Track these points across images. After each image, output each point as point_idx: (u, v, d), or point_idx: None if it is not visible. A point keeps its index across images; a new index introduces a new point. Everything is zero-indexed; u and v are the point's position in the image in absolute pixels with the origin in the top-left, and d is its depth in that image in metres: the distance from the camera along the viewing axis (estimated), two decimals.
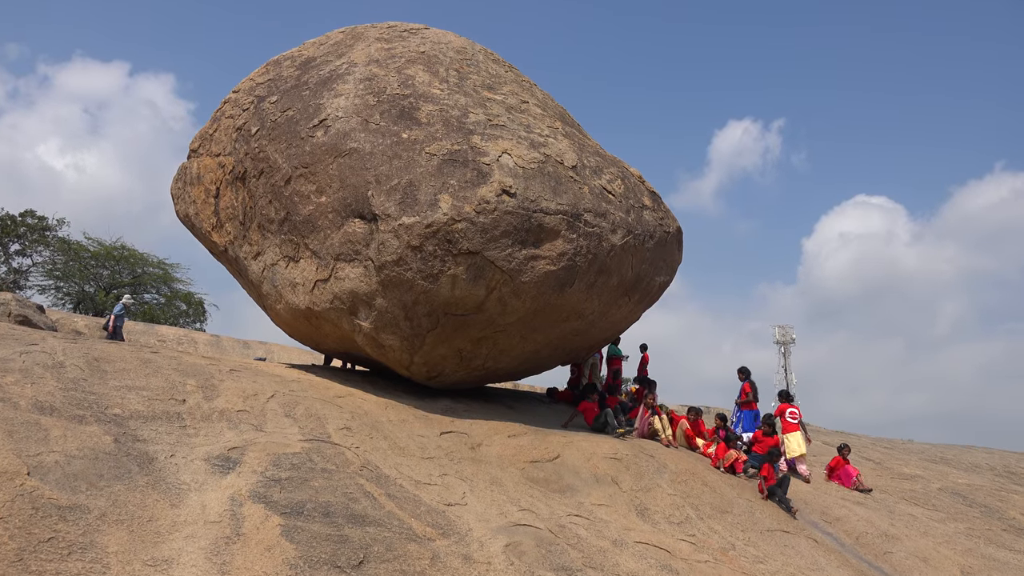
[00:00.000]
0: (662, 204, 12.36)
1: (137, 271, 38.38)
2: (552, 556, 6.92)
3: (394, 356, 10.76)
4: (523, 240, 9.92)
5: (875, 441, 19.70)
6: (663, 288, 12.75)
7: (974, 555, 10.91)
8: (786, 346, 66.16)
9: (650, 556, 7.59)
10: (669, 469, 10.38)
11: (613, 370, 15.59)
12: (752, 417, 14.24)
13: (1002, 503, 14.09)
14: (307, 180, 10.64)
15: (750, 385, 14.66)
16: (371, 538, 6.20)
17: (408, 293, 9.91)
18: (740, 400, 14.67)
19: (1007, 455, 20.44)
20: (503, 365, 11.60)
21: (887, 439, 21.17)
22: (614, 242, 10.73)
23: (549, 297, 10.35)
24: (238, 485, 6.59)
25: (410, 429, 9.55)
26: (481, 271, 9.81)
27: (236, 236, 12.25)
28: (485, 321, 10.41)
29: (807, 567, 8.56)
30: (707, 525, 9.08)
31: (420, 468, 8.31)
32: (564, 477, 9.33)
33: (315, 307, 10.87)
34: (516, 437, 10.22)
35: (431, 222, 9.59)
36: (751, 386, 14.65)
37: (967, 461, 18.33)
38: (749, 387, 14.63)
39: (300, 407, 9.08)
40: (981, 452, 20.29)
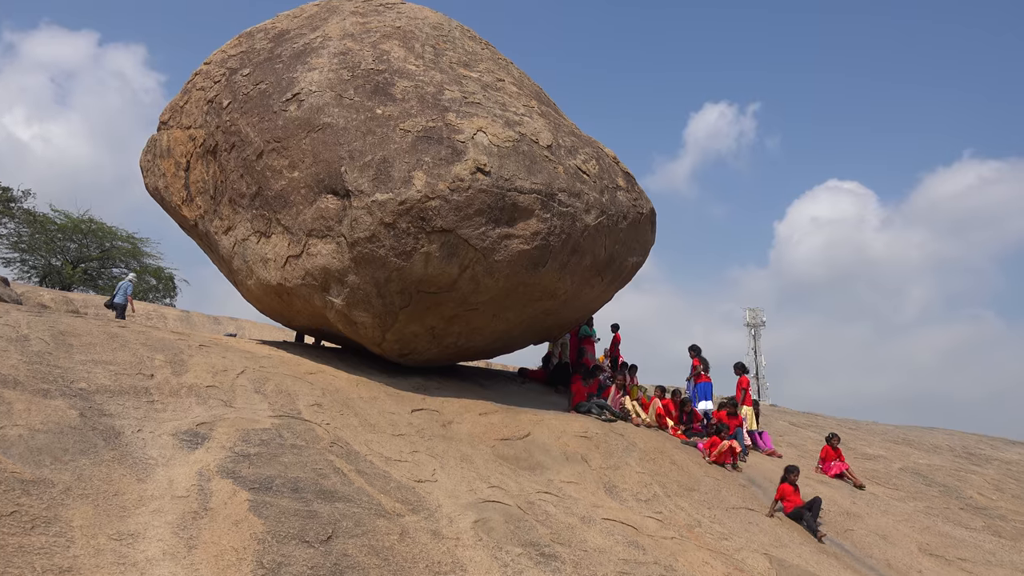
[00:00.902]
0: (636, 185, 12.39)
1: (105, 245, 37.81)
2: (521, 532, 6.99)
3: (366, 333, 10.73)
4: (497, 219, 9.91)
5: (840, 422, 20.05)
6: (636, 269, 12.82)
7: (932, 532, 11.20)
8: (756, 328, 66.92)
9: (617, 532, 7.69)
10: (638, 448, 10.50)
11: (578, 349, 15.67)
12: (707, 389, 14.75)
13: (960, 483, 14.45)
14: (279, 155, 10.52)
15: (699, 360, 15.09)
16: (340, 514, 6.21)
17: (381, 270, 9.87)
18: (692, 375, 15.11)
19: (967, 436, 20.90)
20: (475, 343, 11.62)
21: (852, 420, 21.53)
22: (588, 222, 10.75)
23: (522, 276, 10.37)
24: (206, 460, 6.56)
25: (381, 406, 9.55)
26: (455, 249, 9.79)
27: (207, 210, 12.10)
28: (458, 299, 10.41)
29: (770, 543, 8.73)
30: (674, 503, 9.21)
31: (390, 445, 8.33)
32: (534, 455, 9.40)
33: (286, 283, 10.79)
34: (487, 415, 10.26)
35: (405, 199, 9.53)
36: (700, 361, 15.03)
37: (928, 442, 18.73)
38: (698, 362, 15.06)
39: (270, 383, 9.04)
40: (942, 434, 20.73)
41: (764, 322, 67.12)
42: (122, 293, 19.29)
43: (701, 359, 15.10)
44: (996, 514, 13.23)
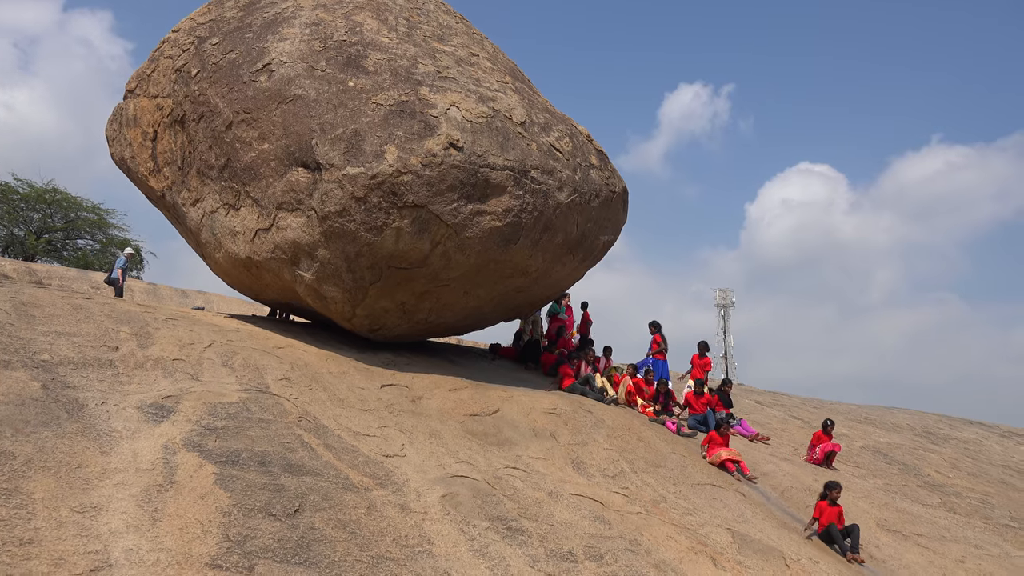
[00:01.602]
0: (609, 164, 12.40)
1: (70, 215, 37.05)
2: (488, 507, 7.04)
3: (336, 308, 10.68)
4: (469, 195, 9.87)
5: (805, 401, 20.41)
6: (607, 247, 12.87)
7: (890, 508, 11.48)
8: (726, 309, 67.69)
9: (584, 508, 7.78)
10: (606, 424, 10.60)
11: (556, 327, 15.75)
12: (663, 367, 15.02)
13: (919, 461, 14.81)
14: (249, 126, 10.36)
15: (661, 337, 15.29)
16: (307, 487, 6.21)
17: (351, 245, 9.81)
18: (652, 351, 15.30)
19: (926, 416, 21.39)
20: (446, 320, 11.62)
21: (817, 400, 21.94)
22: (560, 200, 10.75)
23: (494, 253, 10.36)
24: (172, 434, 6.50)
25: (350, 381, 9.53)
26: (426, 225, 9.75)
27: (174, 181, 11.91)
28: (429, 275, 10.38)
29: (734, 519, 8.89)
30: (640, 479, 9.32)
31: (359, 420, 8.32)
32: (503, 431, 9.45)
33: (255, 257, 10.68)
34: (457, 391, 10.29)
35: (376, 173, 9.45)
36: (662, 338, 15.20)
37: (889, 421, 19.14)
38: (660, 339, 15.24)
39: (238, 357, 8.97)
40: (903, 413, 21.19)
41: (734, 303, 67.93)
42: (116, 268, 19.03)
43: (662, 336, 15.27)
44: (952, 491, 13.59)
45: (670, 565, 7.01)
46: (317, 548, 5.39)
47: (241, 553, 5.03)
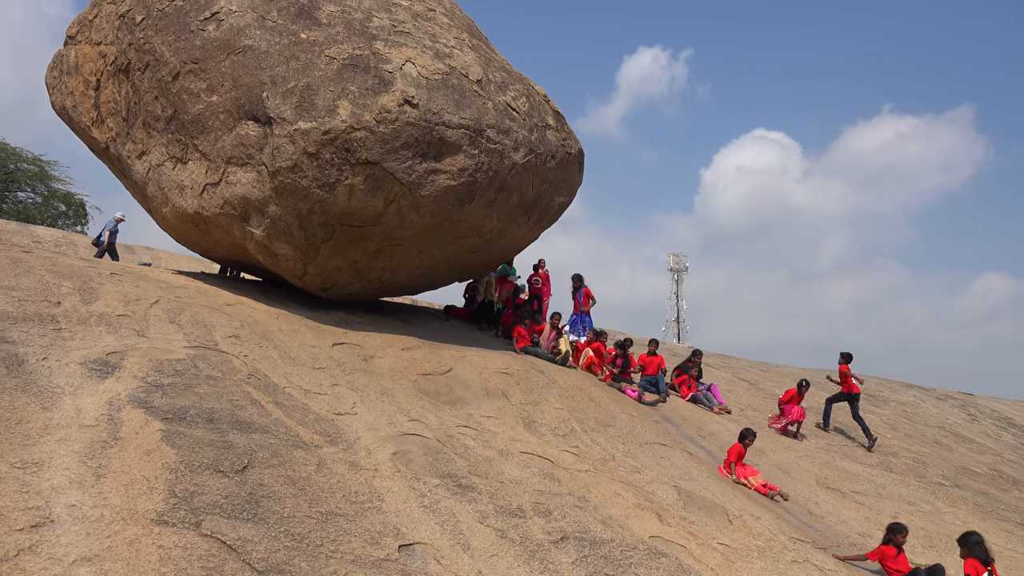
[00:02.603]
0: (565, 125, 12.35)
1: (9, 167, 35.66)
2: (439, 464, 7.10)
3: (287, 266, 10.53)
4: (424, 153, 9.76)
5: (753, 364, 20.88)
6: (562, 209, 12.88)
7: (830, 467, 11.89)
8: (679, 273, 68.61)
9: (534, 465, 7.89)
10: (558, 384, 10.72)
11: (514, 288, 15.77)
12: (590, 320, 15.69)
13: None
14: (197, 77, 10.04)
15: (590, 291, 16.09)
16: (256, 444, 6.17)
17: (303, 201, 9.64)
18: (585, 306, 15.94)
19: (868, 379, 22.06)
20: (399, 279, 11.55)
21: (764, 363, 22.46)
22: (516, 160, 10.70)
23: (448, 212, 10.29)
24: (116, 390, 6.39)
25: (301, 339, 9.45)
26: (380, 182, 9.62)
27: (119, 133, 11.52)
28: (382, 234, 10.28)
29: (680, 476, 9.11)
30: (590, 437, 9.48)
31: (310, 378, 8.27)
32: (455, 390, 9.49)
33: (204, 212, 10.45)
34: (410, 350, 10.28)
35: (329, 129, 9.28)
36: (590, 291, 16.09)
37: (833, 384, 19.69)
38: (590, 292, 16.07)
39: (186, 314, 8.81)
40: None
41: (687, 267, 68.88)
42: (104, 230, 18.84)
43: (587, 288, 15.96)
44: (889, 451, 14.11)
45: (617, 521, 7.17)
46: (266, 504, 5.38)
47: (188, 509, 4.99)
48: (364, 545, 5.34)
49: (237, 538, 4.84)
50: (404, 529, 5.77)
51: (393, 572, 5.14)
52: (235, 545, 4.76)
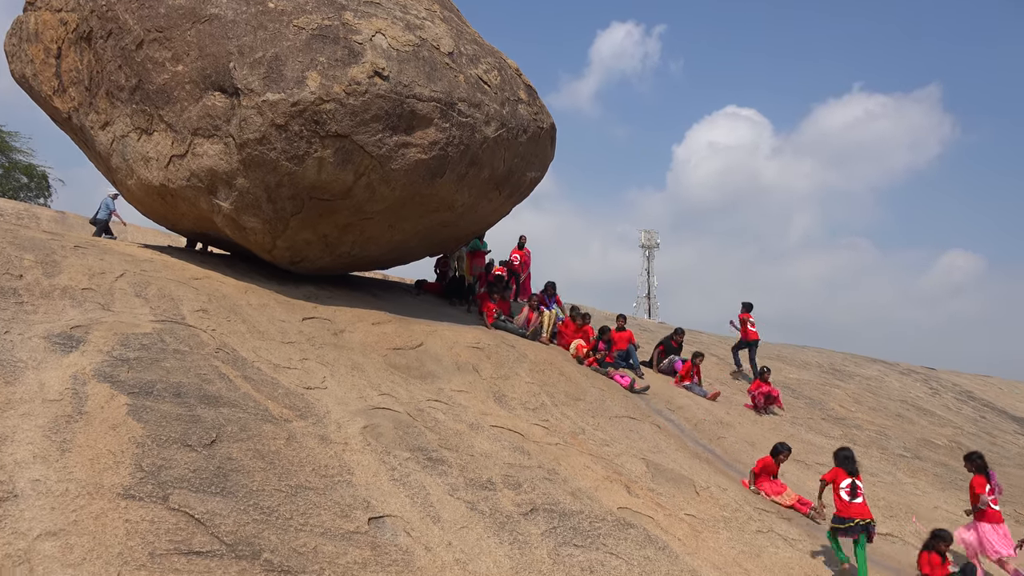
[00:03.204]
0: (537, 99, 12.29)
1: None
2: (409, 438, 7.12)
3: (256, 239, 10.41)
4: (394, 126, 9.66)
5: (721, 339, 21.11)
6: (534, 184, 12.85)
7: (795, 440, 12.10)
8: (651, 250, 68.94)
9: (504, 439, 7.94)
10: (528, 359, 10.76)
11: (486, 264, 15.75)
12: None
13: (824, 396, 15.60)
14: (162, 46, 9.82)
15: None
16: (225, 418, 6.13)
17: (271, 174, 9.52)
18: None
19: (834, 354, 22.47)
20: (370, 253, 11.47)
21: (732, 338, 22.70)
22: (487, 134, 10.64)
23: (419, 186, 10.22)
24: (81, 364, 6.30)
25: (271, 313, 9.37)
26: (349, 155, 9.52)
27: (81, 103, 11.25)
28: (352, 208, 10.19)
29: (648, 449, 9.23)
30: (560, 411, 9.55)
31: (279, 352, 8.22)
32: (426, 364, 9.50)
33: (170, 184, 10.27)
34: (380, 325, 10.25)
35: (297, 100, 9.14)
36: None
37: (800, 359, 20.03)
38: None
39: (152, 287, 8.69)
40: (812, 352, 22.20)
41: (658, 244, 69.24)
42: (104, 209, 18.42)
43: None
44: (853, 424, 14.41)
45: (586, 493, 7.25)
46: (234, 478, 5.36)
47: (155, 483, 4.96)
48: (334, 518, 5.36)
49: (205, 512, 4.83)
50: (374, 502, 5.79)
51: (363, 544, 5.16)
52: (203, 519, 4.75)
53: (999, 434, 17.56)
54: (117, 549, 4.24)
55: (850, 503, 7.77)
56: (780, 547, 7.64)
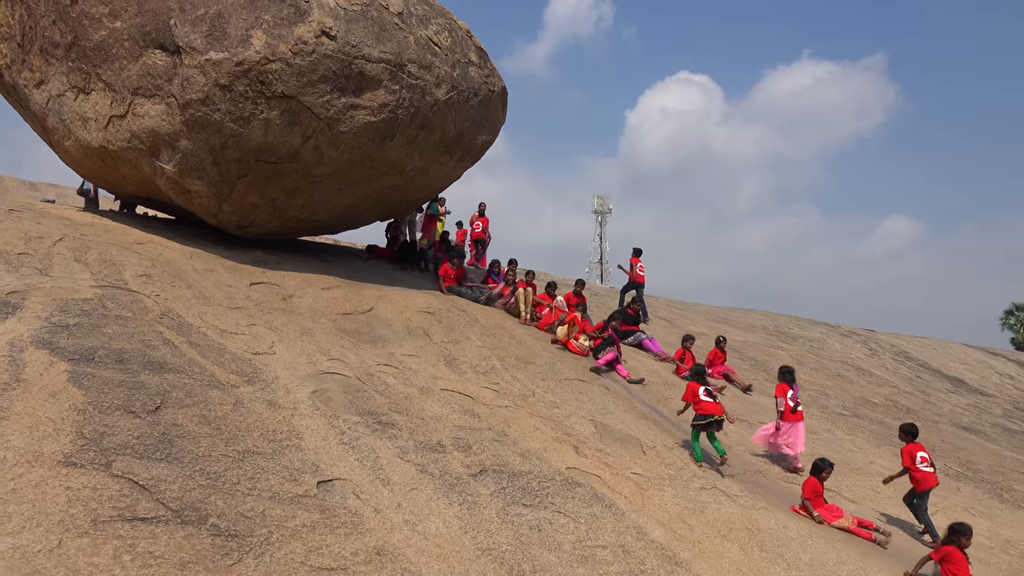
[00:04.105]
0: (488, 62, 12.18)
1: None
2: (359, 402, 7.13)
3: (201, 203, 10.19)
4: (343, 87, 9.50)
5: (670, 303, 21.46)
6: (485, 148, 12.79)
7: (738, 400, 12.43)
8: (603, 215, 69.30)
9: (454, 402, 8.00)
10: (479, 323, 10.81)
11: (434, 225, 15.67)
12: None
13: (768, 357, 16.00)
14: (99, 1, 9.46)
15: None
16: (169, 384, 6.06)
17: (216, 136, 9.31)
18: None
19: (779, 317, 23.02)
20: (319, 217, 11.34)
21: (681, 302, 23.10)
22: (438, 97, 10.53)
23: (368, 149, 10.10)
24: (18, 330, 6.14)
25: (217, 278, 9.23)
26: (296, 117, 9.35)
27: (14, 60, 10.80)
28: (300, 171, 10.04)
29: (597, 410, 9.39)
30: (511, 375, 9.65)
31: (226, 317, 8.12)
32: (376, 329, 9.48)
33: (110, 146, 9.97)
34: (330, 290, 10.17)
35: (242, 60, 8.92)
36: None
37: (746, 322, 20.48)
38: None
39: (93, 252, 8.47)
40: (758, 315, 22.70)
41: (611, 209, 69.61)
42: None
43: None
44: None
45: (535, 453, 7.37)
46: (180, 444, 5.32)
47: (98, 450, 4.90)
48: (282, 482, 5.36)
49: (150, 478, 4.79)
50: (323, 466, 5.80)
51: (311, 508, 5.19)
52: (148, 485, 4.71)
53: (933, 392, 18.28)
54: (58, 517, 4.19)
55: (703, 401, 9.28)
56: (723, 503, 7.88)
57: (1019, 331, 48.09)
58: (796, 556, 7.04)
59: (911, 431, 9.23)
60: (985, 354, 26.41)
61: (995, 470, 12.46)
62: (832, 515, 8.42)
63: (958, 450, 13.28)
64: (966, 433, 14.91)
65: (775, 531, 7.46)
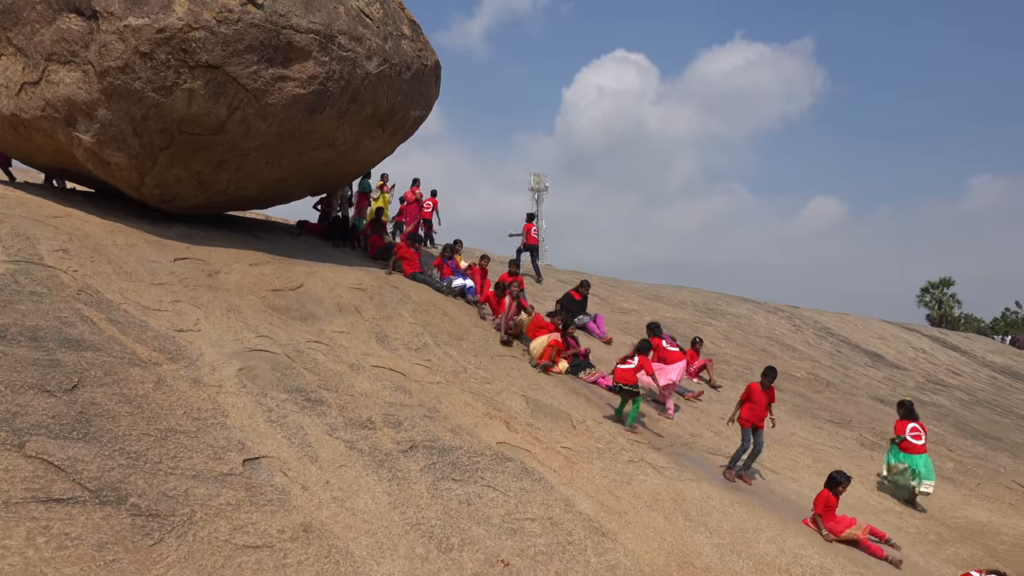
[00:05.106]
0: (421, 35, 12.04)
1: None
2: (287, 379, 7.05)
3: (121, 176, 9.84)
4: (270, 58, 9.27)
5: (603, 280, 21.72)
6: (418, 123, 12.67)
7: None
8: (539, 193, 69.56)
9: (386, 379, 7.98)
10: (412, 300, 10.77)
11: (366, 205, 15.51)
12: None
13: (697, 333, 16.38)
14: None
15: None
16: (88, 363, 5.88)
17: (137, 106, 8.98)
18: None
19: (708, 294, 23.57)
20: (247, 192, 11.07)
21: (614, 279, 23.41)
22: (369, 70, 10.37)
23: (297, 122, 9.90)
24: None
25: (139, 254, 8.95)
26: (222, 88, 9.09)
27: None
28: (227, 143, 9.77)
29: (528, 386, 9.49)
30: (443, 351, 9.66)
31: (149, 294, 7.89)
32: (306, 305, 9.35)
33: (23, 114, 9.53)
34: (258, 266, 9.98)
35: (163, 27, 8.61)
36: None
37: (676, 299, 20.91)
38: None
39: (4, 226, 8.10)
40: (689, 292, 23.19)
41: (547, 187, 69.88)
42: None
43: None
44: (722, 359, 15.24)
45: (466, 429, 7.42)
46: (99, 423, 5.18)
47: (10, 430, 4.73)
48: (206, 460, 5.28)
49: (66, 458, 4.66)
50: (249, 444, 5.73)
51: (237, 486, 5.13)
52: (64, 465, 4.58)
53: (852, 367, 19.03)
54: None
55: (617, 367, 9.67)
56: (649, 475, 8.09)
57: (934, 308, 50.37)
58: (718, 524, 7.29)
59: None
60: (901, 329, 27.58)
61: None
62: (841, 526, 7.97)
63: (873, 421, 13.89)
64: (881, 405, 15.59)
65: (699, 501, 7.70)
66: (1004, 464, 13.09)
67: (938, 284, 50.58)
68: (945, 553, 8.69)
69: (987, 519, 10.09)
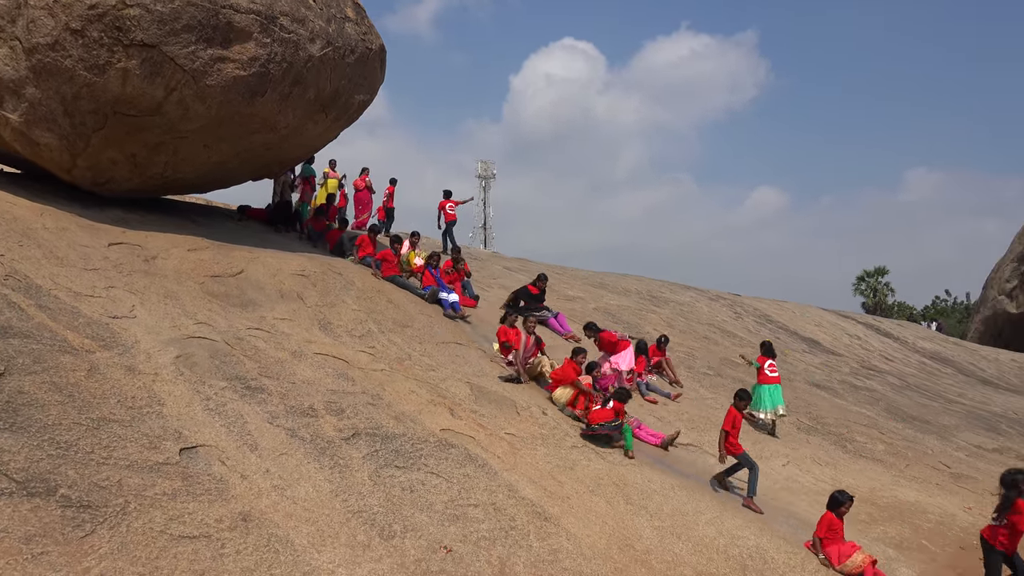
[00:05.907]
0: (366, 18, 11.87)
1: None
2: (227, 367, 6.92)
3: (51, 157, 9.50)
4: (209, 38, 9.04)
5: (549, 267, 21.80)
6: (363, 107, 12.51)
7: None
8: (487, 180, 69.47)
9: (328, 366, 7.90)
10: (356, 286, 10.67)
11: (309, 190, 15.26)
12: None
13: (640, 320, 16.62)
14: None
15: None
16: (15, 350, 5.68)
17: (68, 85, 8.68)
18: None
19: (652, 282, 23.87)
20: (185, 175, 10.80)
21: (560, 266, 23.54)
22: (312, 52, 10.19)
23: (238, 105, 9.68)
24: None
25: (71, 238, 8.66)
26: (159, 68, 8.84)
27: None
28: (164, 125, 9.51)
29: (473, 373, 9.50)
30: (387, 338, 9.60)
31: (81, 280, 7.65)
32: (247, 292, 9.19)
33: None
34: (197, 251, 9.76)
35: (96, 3, 8.33)
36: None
37: (621, 286, 21.13)
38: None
39: None
40: (633, 279, 23.44)
41: (494, 174, 69.87)
42: None
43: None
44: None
45: (409, 416, 7.40)
46: (26, 412, 5.01)
47: None
48: (141, 450, 5.16)
49: None
50: (186, 432, 5.62)
51: (173, 475, 5.03)
52: None
53: (790, 353, 19.51)
54: None
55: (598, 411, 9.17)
56: (592, 460, 8.19)
57: (869, 296, 51.95)
58: (659, 507, 7.42)
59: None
60: (837, 317, 28.37)
61: (841, 423, 13.49)
62: (842, 555, 7.34)
63: (809, 405, 14.28)
64: (817, 390, 16.04)
65: (640, 485, 7.82)
66: (932, 446, 13.61)
67: (873, 273, 52.13)
68: (875, 532, 9.00)
69: (915, 499, 10.47)
